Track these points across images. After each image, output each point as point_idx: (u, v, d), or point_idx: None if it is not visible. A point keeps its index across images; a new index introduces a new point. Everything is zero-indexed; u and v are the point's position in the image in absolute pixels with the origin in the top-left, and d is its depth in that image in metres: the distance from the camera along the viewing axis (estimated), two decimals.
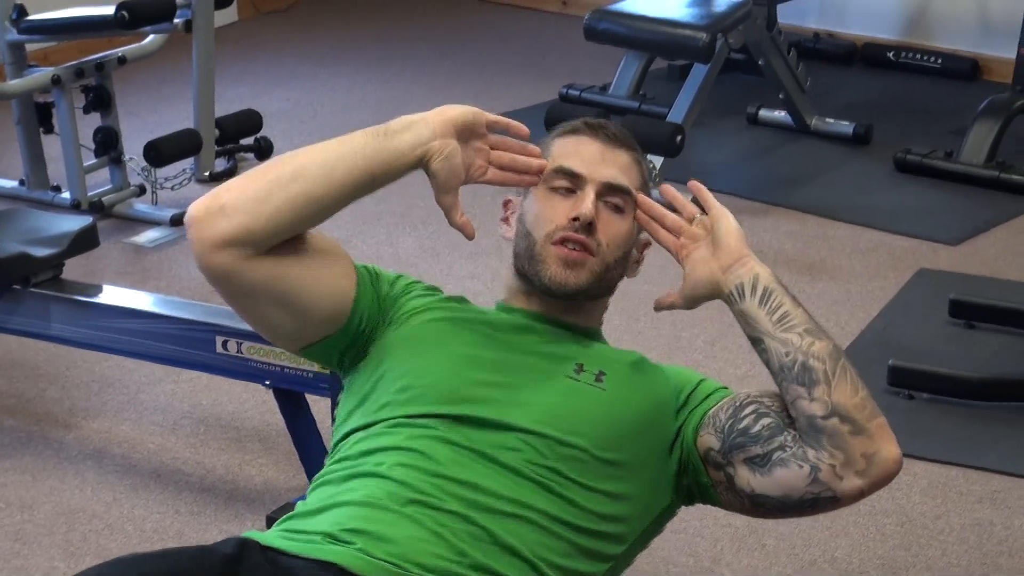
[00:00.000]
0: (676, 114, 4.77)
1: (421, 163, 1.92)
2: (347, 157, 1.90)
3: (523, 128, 2.01)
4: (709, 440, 1.92)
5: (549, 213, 2.01)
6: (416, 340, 1.98)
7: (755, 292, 1.92)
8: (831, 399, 1.84)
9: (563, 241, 1.98)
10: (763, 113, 5.43)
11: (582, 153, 2.04)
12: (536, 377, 1.94)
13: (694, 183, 2.08)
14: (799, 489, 1.85)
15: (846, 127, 5.28)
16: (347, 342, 2.01)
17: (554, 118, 4.66)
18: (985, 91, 5.36)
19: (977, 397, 3.42)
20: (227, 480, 3.09)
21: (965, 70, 6.09)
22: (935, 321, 3.85)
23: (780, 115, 5.37)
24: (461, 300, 2.08)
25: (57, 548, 2.84)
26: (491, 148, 1.99)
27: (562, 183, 2.02)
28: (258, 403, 3.34)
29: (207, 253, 1.88)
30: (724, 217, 1.99)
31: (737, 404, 1.93)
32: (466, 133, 1.95)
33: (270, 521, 2.87)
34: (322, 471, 1.94)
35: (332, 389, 2.86)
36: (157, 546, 2.84)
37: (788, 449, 1.85)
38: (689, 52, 4.80)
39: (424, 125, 1.92)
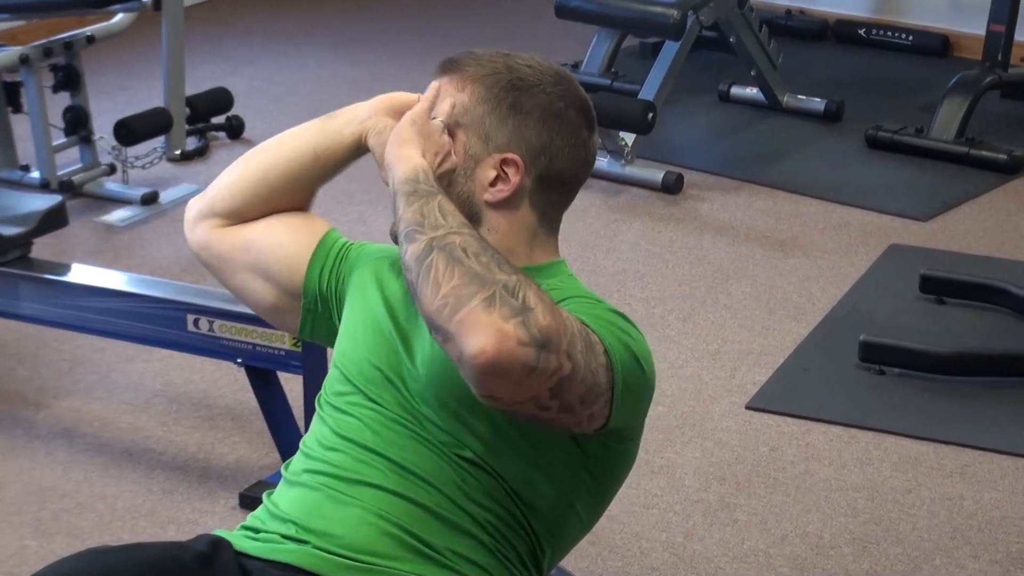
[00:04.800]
0: (648, 91, 4.77)
1: (360, 142, 2.00)
2: (296, 136, 2.05)
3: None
4: None
5: None
6: (351, 315, 1.95)
7: (394, 187, 1.79)
8: (424, 311, 1.65)
9: None
10: (735, 90, 5.43)
11: None
12: (423, 341, 1.82)
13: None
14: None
15: (818, 104, 5.29)
16: (320, 308, 2.02)
17: None
18: (955, 67, 5.36)
19: (947, 372, 3.43)
20: (199, 458, 3.08)
21: (936, 46, 6.11)
22: (906, 297, 3.87)
23: (752, 92, 5.38)
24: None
25: (27, 527, 2.83)
26: None
27: None
28: (230, 381, 3.33)
29: (189, 231, 2.10)
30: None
31: None
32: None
33: (243, 499, 2.87)
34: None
35: (304, 367, 2.86)
36: (129, 524, 2.84)
37: None
38: (660, 29, 4.80)
39: (362, 107, 2.02)
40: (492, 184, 1.84)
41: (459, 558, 1.78)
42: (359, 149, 2.00)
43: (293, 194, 2.05)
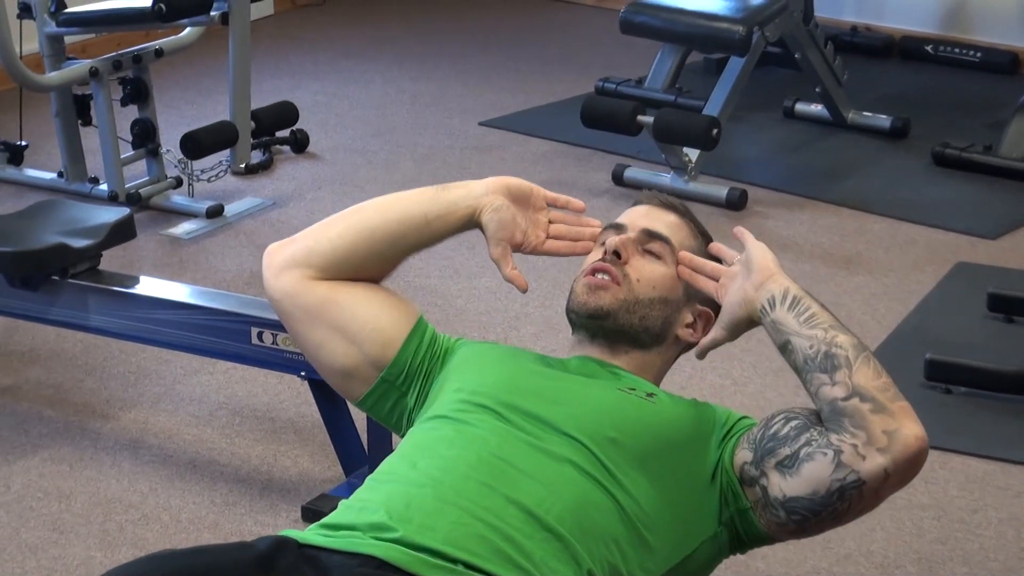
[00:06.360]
0: (712, 107, 4.76)
1: (473, 217, 2.12)
2: (405, 200, 2.15)
3: (579, 203, 2.17)
4: (743, 455, 1.94)
5: (589, 258, 2.15)
6: (472, 360, 2.10)
7: (784, 301, 1.97)
8: (852, 381, 1.87)
9: (592, 272, 2.10)
10: (800, 107, 5.41)
11: (631, 212, 2.19)
12: (586, 385, 2.02)
13: (738, 229, 2.12)
14: (825, 480, 1.85)
15: (884, 121, 5.25)
16: (401, 382, 2.10)
17: (590, 111, 4.65)
18: None
19: (1015, 391, 3.39)
20: (262, 471, 3.09)
21: (1004, 63, 6.06)
22: (973, 315, 3.83)
23: (817, 109, 5.35)
24: None
25: (94, 538, 2.85)
26: (551, 222, 2.17)
27: (606, 235, 2.14)
28: (293, 394, 3.35)
29: (273, 276, 2.14)
30: (757, 246, 2.05)
31: (769, 417, 1.98)
32: (521, 199, 2.14)
33: (305, 512, 2.88)
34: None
35: None
36: (193, 536, 2.85)
37: (814, 443, 1.87)
38: (726, 45, 4.79)
39: (478, 184, 2.14)
40: (687, 325, 2.12)
41: (552, 573, 1.79)
42: (469, 223, 2.13)
43: (393, 256, 2.14)
